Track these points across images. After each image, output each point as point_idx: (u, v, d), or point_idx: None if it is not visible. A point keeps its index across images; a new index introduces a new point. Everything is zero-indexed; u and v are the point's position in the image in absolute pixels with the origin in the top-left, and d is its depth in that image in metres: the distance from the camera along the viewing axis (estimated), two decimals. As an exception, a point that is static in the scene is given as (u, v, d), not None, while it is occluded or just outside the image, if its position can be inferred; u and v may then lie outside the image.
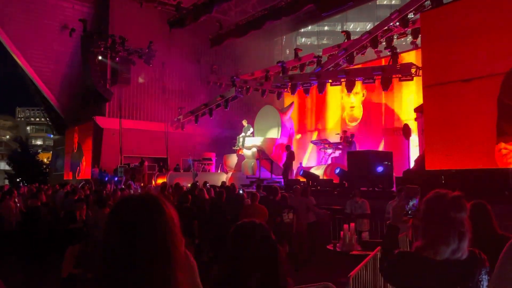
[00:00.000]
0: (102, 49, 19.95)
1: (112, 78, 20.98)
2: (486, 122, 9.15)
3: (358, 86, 16.83)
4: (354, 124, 18.98)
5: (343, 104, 19.65)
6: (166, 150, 21.24)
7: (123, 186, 13.15)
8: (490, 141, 9.07)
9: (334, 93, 19.39)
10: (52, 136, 27.00)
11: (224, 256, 1.70)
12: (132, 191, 11.38)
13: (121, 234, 1.15)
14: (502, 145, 8.82)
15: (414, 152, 13.28)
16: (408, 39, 16.55)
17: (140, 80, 21.97)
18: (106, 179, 18.23)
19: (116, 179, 18.01)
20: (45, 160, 42.31)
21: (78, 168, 23.20)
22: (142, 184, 16.95)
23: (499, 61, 9.10)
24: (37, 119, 66.93)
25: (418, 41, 14.24)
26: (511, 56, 8.96)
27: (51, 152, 34.66)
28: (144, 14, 22.07)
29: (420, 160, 11.03)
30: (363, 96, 18.71)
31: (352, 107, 19.18)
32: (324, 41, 29.69)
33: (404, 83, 14.65)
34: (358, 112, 18.98)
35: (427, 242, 1.89)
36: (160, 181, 17.07)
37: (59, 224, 7.79)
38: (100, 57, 20.10)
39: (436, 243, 1.86)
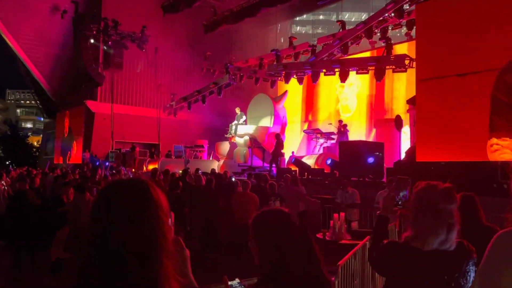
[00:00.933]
0: (94, 32, 19.70)
1: (105, 62, 20.75)
2: (479, 117, 9.21)
3: (352, 77, 16.82)
4: (347, 114, 19.03)
5: (337, 95, 19.67)
6: (158, 136, 21.15)
7: (113, 172, 13.09)
8: (482, 136, 9.15)
9: (328, 83, 19.37)
10: (42, 119, 26.72)
11: (260, 247, 1.66)
12: (123, 177, 11.32)
13: (107, 219, 1.12)
14: (494, 140, 8.91)
15: (405, 144, 13.37)
16: (402, 31, 16.53)
17: (139, 68, 21.82)
18: (97, 163, 18.13)
19: (107, 164, 17.92)
20: (35, 143, 41.93)
21: (69, 152, 23.03)
22: (133, 170, 16.89)
23: (495, 56, 9.13)
24: (27, 102, 66.16)
25: (413, 32, 14.24)
26: (507, 51, 8.98)
27: (41, 135, 34.34)
28: (138, -3, 21.77)
29: (411, 152, 11.11)
30: (357, 87, 18.73)
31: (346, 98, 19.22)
32: (319, 30, 29.53)
33: (396, 74, 14.69)
34: (352, 104, 19.02)
35: (415, 232, 1.91)
36: (151, 167, 17.02)
37: (47, 208, 7.75)
38: (92, 40, 19.84)
39: (424, 234, 1.88)
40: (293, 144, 20.04)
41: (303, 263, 1.60)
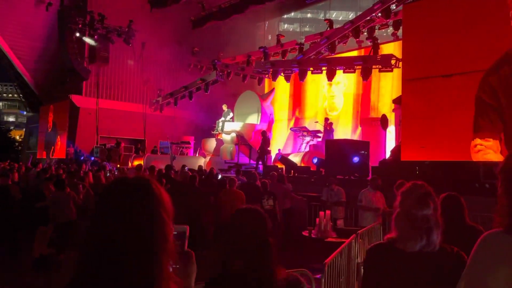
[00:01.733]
0: (80, 25, 19.40)
1: (90, 56, 20.47)
2: (464, 117, 9.37)
3: (339, 76, 16.91)
4: (334, 113, 19.15)
5: (324, 94, 19.77)
6: (144, 132, 20.99)
7: (96, 167, 12.96)
8: (466, 136, 9.32)
9: (316, 81, 19.45)
10: (25, 113, 26.26)
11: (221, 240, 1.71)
12: (108, 173, 11.23)
13: (108, 217, 1.11)
14: (478, 141, 9.07)
15: (390, 143, 13.52)
16: (389, 30, 16.69)
17: (129, 62, 21.61)
18: (82, 158, 17.93)
19: (92, 159, 17.73)
20: (17, 137, 41.18)
21: (53, 147, 22.70)
22: (118, 166, 16.74)
23: (480, 58, 9.29)
24: (10, 95, 64.86)
25: (399, 32, 14.39)
26: (491, 53, 9.15)
27: (24, 129, 33.75)
28: (125, -9, 21.51)
29: (396, 151, 11.25)
30: (344, 85, 18.85)
31: (333, 96, 19.33)
32: (307, 28, 29.63)
33: (383, 73, 14.83)
34: (339, 102, 19.14)
35: (397, 235, 1.95)
36: (136, 163, 16.90)
37: (29, 203, 7.64)
38: (77, 34, 19.54)
39: (404, 238, 1.92)
40: (281, 141, 20.09)
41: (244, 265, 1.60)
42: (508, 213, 1.53)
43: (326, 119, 16.77)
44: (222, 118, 18.68)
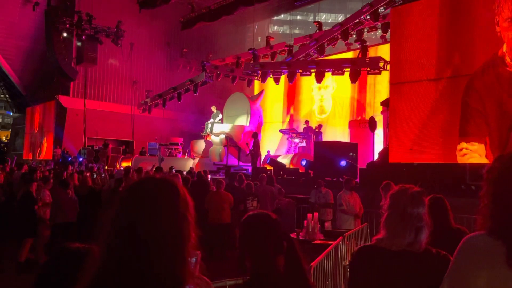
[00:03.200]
0: (67, 25, 19.18)
1: (78, 57, 20.24)
2: (450, 121, 9.48)
3: (329, 78, 16.98)
4: (323, 116, 19.23)
5: (313, 96, 19.84)
6: (132, 133, 20.83)
7: (82, 169, 12.81)
8: (452, 140, 9.42)
9: (308, 83, 19.52)
10: (11, 114, 25.87)
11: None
12: (95, 175, 11.11)
13: (135, 214, 1.11)
14: (464, 144, 9.17)
15: (379, 145, 13.60)
16: (378, 33, 16.81)
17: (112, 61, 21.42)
18: (69, 160, 17.71)
19: (80, 160, 17.54)
20: (3, 138, 40.56)
21: (39, 148, 22.41)
22: (105, 167, 16.58)
23: (467, 62, 9.40)
24: (-4, 96, 63.91)
25: (388, 35, 14.49)
26: (477, 58, 9.27)
27: (9, 130, 33.25)
28: (113, -9, 21.37)
29: (384, 153, 11.31)
30: (332, 89, 18.94)
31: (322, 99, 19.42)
32: (296, 31, 29.71)
33: (371, 76, 14.93)
34: (328, 105, 19.22)
35: (385, 234, 1.96)
36: (124, 164, 16.76)
37: (14, 205, 7.51)
38: (65, 34, 19.33)
39: (393, 235, 1.94)
40: (274, 143, 20.07)
41: (289, 270, 1.66)
42: (490, 214, 1.54)
43: (307, 121, 16.99)
44: (211, 120, 18.62)
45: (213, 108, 18.90)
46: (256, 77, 17.48)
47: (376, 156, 12.50)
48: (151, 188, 1.16)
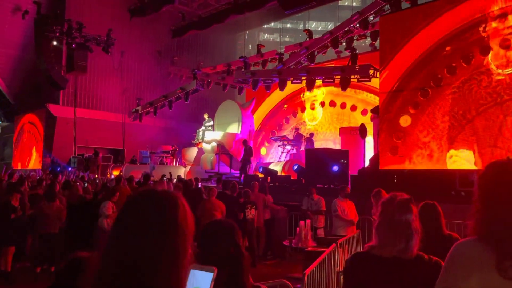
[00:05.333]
0: (57, 34, 19.08)
1: (68, 65, 20.13)
2: (440, 130, 9.63)
3: (320, 87, 17.10)
4: (314, 123, 19.33)
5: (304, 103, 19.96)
6: (123, 142, 20.70)
7: (72, 178, 12.70)
8: (442, 148, 9.57)
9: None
10: (0, 122, 25.59)
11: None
12: (85, 184, 11.02)
13: (130, 229, 1.11)
14: (453, 152, 9.32)
15: (369, 152, 13.69)
16: (367, 41, 17.00)
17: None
18: (59, 169, 17.55)
19: (69, 169, 17.38)
20: (-9, 147, 40.06)
21: (28, 157, 22.17)
22: (96, 176, 16.45)
23: (457, 72, 9.59)
24: (-16, 104, 63.17)
25: (377, 43, 14.66)
26: (465, 67, 9.45)
27: (-2, 139, 32.86)
28: (104, 0, 21.33)
29: (374, 160, 11.39)
30: (322, 94, 19.07)
31: (313, 107, 19.52)
32: (287, 38, 29.96)
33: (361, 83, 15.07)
34: (318, 112, 19.34)
35: (377, 241, 1.99)
36: (115, 173, 16.65)
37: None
38: (55, 42, 19.22)
39: (384, 243, 1.97)
40: (274, 150, 20.06)
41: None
42: (481, 220, 1.57)
43: (297, 129, 17.09)
44: (203, 128, 18.62)
45: (206, 116, 18.92)
46: (247, 85, 17.54)
47: (367, 163, 12.58)
48: (150, 202, 1.15)
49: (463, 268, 1.54)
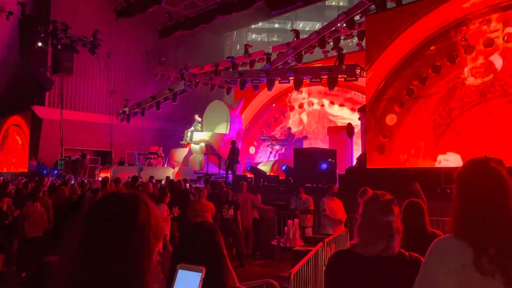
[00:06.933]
0: (42, 35, 18.85)
1: (53, 66, 19.90)
2: (426, 128, 9.77)
3: (307, 86, 17.17)
4: (300, 127, 19.44)
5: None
6: (110, 143, 20.54)
7: (59, 182, 12.56)
8: (428, 146, 9.71)
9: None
10: (-16, 125, 25.24)
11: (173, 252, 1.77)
12: (72, 181, 10.93)
13: (90, 235, 1.10)
14: (441, 157, 9.50)
15: (357, 151, 13.80)
16: (354, 40, 17.11)
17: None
18: (45, 172, 17.35)
19: (56, 172, 17.20)
20: (-24, 150, 39.43)
21: (14, 160, 21.88)
22: (84, 178, 16.29)
23: (441, 71, 9.74)
24: (-32, 107, 62.16)
25: (363, 43, 14.77)
26: (451, 66, 9.61)
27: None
28: (90, 0, 21.14)
29: (362, 158, 11.49)
30: (307, 92, 19.19)
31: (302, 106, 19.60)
32: (274, 38, 30.00)
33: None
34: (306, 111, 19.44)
35: (359, 241, 2.01)
36: (103, 175, 16.51)
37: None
38: (40, 44, 18.99)
39: (366, 242, 1.99)
40: (262, 150, 20.08)
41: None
42: (460, 217, 1.60)
43: (289, 128, 17.15)
44: (192, 128, 18.56)
45: (196, 117, 18.89)
46: (235, 85, 17.54)
47: (354, 162, 12.67)
48: (110, 205, 1.14)
49: (442, 264, 1.57)
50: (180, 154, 18.73)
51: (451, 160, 9.35)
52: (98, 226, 1.11)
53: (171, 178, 14.36)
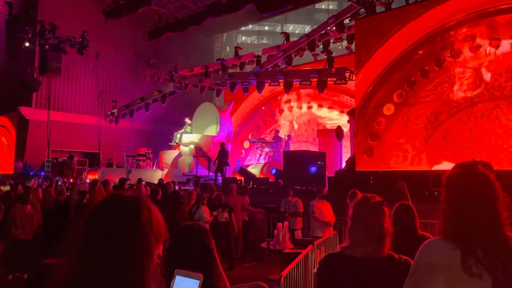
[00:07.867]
0: (29, 35, 18.63)
1: (41, 67, 19.66)
2: (414, 132, 9.86)
3: (296, 89, 17.24)
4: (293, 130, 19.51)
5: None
6: (99, 145, 20.36)
7: (46, 184, 12.42)
8: (416, 149, 9.80)
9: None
10: (-31, 126, 24.84)
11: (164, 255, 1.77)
12: (59, 182, 10.80)
13: (91, 237, 1.10)
14: (436, 167, 9.57)
15: (346, 153, 13.88)
16: (344, 44, 17.23)
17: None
18: (31, 173, 17.12)
19: (42, 174, 16.98)
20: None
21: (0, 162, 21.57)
22: (71, 180, 16.12)
23: (430, 75, 9.85)
24: (-48, 107, 61.12)
25: (353, 46, 14.87)
26: (439, 70, 9.72)
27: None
28: (78, 1, 20.97)
29: (351, 161, 11.56)
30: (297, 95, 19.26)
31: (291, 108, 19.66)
32: (264, 41, 30.09)
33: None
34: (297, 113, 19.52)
35: (350, 242, 2.03)
36: (91, 177, 16.34)
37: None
38: (27, 44, 18.76)
39: (357, 243, 2.01)
40: (252, 152, 20.08)
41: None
42: (448, 219, 1.63)
43: (277, 131, 17.21)
44: (182, 130, 18.49)
45: (187, 120, 18.84)
46: (225, 87, 17.53)
47: (343, 165, 12.75)
48: (112, 206, 1.15)
49: (431, 266, 1.59)
50: (169, 156, 18.64)
51: (439, 163, 9.46)
52: (99, 228, 1.11)
53: (162, 180, 14.27)
